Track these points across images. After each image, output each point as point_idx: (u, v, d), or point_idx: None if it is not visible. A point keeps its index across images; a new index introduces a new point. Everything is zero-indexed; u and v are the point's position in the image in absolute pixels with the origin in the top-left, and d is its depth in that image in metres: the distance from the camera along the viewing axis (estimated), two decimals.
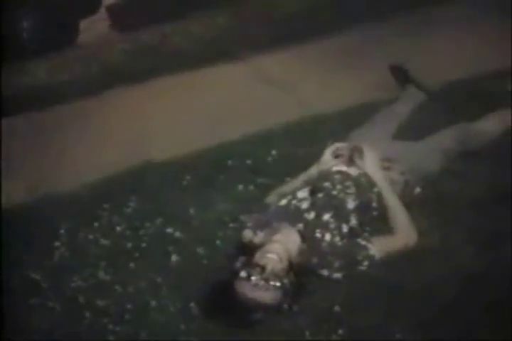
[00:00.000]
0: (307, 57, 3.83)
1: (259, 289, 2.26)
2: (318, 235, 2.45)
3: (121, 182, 3.05)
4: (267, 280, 2.27)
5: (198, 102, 3.58)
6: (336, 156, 2.68)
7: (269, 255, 2.33)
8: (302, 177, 2.71)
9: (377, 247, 2.43)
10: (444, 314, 2.20)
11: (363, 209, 2.55)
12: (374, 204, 2.57)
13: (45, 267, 2.63)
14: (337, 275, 2.40)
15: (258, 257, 2.34)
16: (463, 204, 2.62)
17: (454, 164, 2.81)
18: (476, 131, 2.95)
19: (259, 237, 2.49)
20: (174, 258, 2.57)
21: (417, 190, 2.72)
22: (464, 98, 3.23)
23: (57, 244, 2.73)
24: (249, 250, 2.42)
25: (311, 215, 2.50)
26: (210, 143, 3.18)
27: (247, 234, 2.53)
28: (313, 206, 2.52)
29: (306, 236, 2.45)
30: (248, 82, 3.71)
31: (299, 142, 3.11)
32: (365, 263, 2.42)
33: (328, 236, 2.45)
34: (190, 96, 3.64)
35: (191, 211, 2.82)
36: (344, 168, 2.66)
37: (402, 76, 3.47)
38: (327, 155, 2.68)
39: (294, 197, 2.57)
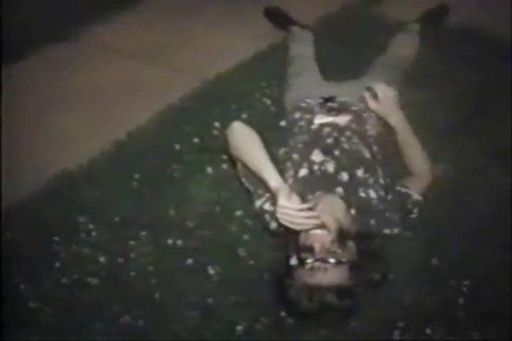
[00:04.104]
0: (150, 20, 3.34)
1: (317, 272, 1.93)
2: (363, 195, 2.17)
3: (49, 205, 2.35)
4: (322, 259, 1.94)
5: (72, 94, 2.90)
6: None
7: (313, 231, 2.00)
8: None
9: (415, 190, 2.25)
10: None
11: (375, 156, 2.32)
12: (375, 148, 2.34)
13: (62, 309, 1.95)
14: (396, 230, 2.17)
15: (303, 237, 2.00)
16: None
17: None
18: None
19: None
20: (211, 271, 2.07)
21: None
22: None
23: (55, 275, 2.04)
24: (293, 233, 2.05)
25: (345, 176, 2.20)
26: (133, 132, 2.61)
27: None
28: (339, 166, 2.22)
29: (350, 200, 2.15)
30: (112, 61, 3.11)
31: (228, 106, 2.71)
32: (415, 210, 2.23)
33: (373, 194, 2.19)
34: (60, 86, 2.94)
35: (172, 213, 2.30)
36: (329, 119, 2.39)
37: (280, 19, 3.26)
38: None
39: (312, 162, 2.23)
